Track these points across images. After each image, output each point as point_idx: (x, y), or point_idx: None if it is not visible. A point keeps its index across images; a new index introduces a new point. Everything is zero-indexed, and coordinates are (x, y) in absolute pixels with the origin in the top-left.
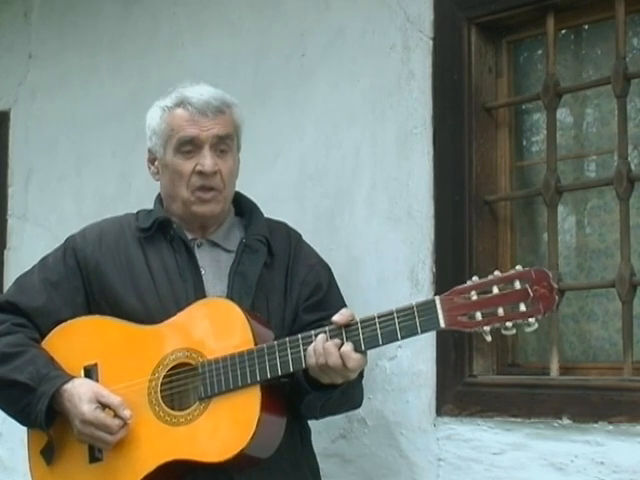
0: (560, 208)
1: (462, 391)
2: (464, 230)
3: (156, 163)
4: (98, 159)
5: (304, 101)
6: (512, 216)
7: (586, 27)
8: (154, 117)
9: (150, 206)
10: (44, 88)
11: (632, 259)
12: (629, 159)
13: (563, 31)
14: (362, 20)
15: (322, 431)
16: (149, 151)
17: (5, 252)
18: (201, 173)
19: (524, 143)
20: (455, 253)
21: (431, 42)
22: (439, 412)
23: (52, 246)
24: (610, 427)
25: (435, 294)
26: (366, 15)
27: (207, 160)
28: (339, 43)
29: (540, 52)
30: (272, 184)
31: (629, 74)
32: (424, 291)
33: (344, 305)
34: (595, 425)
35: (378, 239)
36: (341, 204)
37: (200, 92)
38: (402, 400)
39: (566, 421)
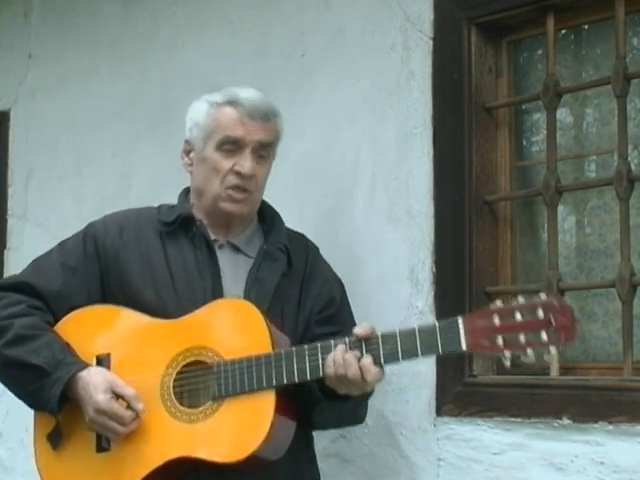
0: (560, 208)
1: (462, 391)
2: (464, 230)
3: (191, 155)
4: (98, 159)
5: (304, 101)
6: (512, 216)
7: (586, 27)
8: (200, 110)
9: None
10: (44, 88)
11: (632, 259)
12: (629, 159)
13: (563, 31)
14: (362, 20)
15: (322, 431)
16: (186, 142)
17: (5, 252)
18: (238, 174)
19: (524, 143)
20: (455, 253)
21: (431, 42)
22: (439, 412)
23: (52, 246)
24: (610, 427)
25: (435, 294)
26: (366, 15)
27: (247, 162)
28: (339, 43)
29: (540, 52)
30: (272, 184)
31: (629, 74)
32: (424, 291)
33: (354, 322)
34: (595, 425)
35: (378, 239)
36: (341, 204)
37: (251, 95)
38: (402, 400)
39: (566, 421)
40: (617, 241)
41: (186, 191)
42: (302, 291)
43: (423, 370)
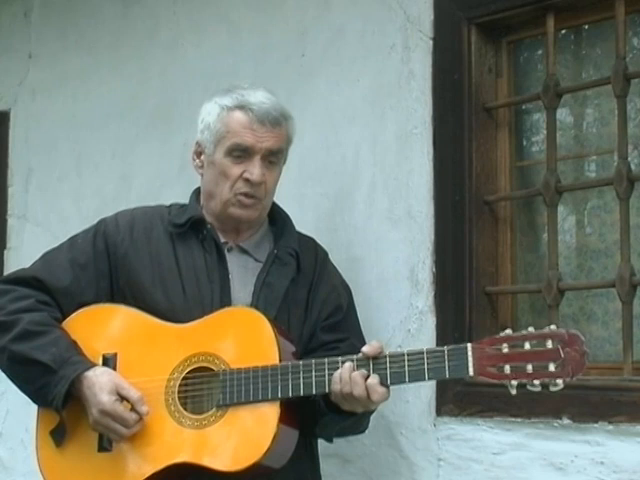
0: (560, 208)
1: (462, 391)
2: (464, 230)
3: (202, 157)
4: (98, 159)
5: (304, 101)
6: (512, 216)
7: (586, 27)
8: (211, 112)
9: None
10: (44, 88)
11: (632, 259)
12: (629, 159)
13: (563, 31)
14: (362, 20)
15: None
16: (197, 144)
17: (5, 252)
18: (248, 181)
19: (524, 143)
20: (455, 253)
21: (431, 42)
22: (439, 412)
23: (52, 246)
24: (610, 427)
25: (435, 294)
26: (366, 15)
27: (256, 170)
28: (339, 43)
29: (540, 52)
30: None
31: (629, 74)
32: (424, 291)
33: (360, 329)
34: (595, 425)
35: (378, 239)
36: (341, 204)
37: (262, 99)
38: (402, 400)
39: (566, 421)
40: (617, 241)
41: (197, 192)
42: (309, 296)
43: None
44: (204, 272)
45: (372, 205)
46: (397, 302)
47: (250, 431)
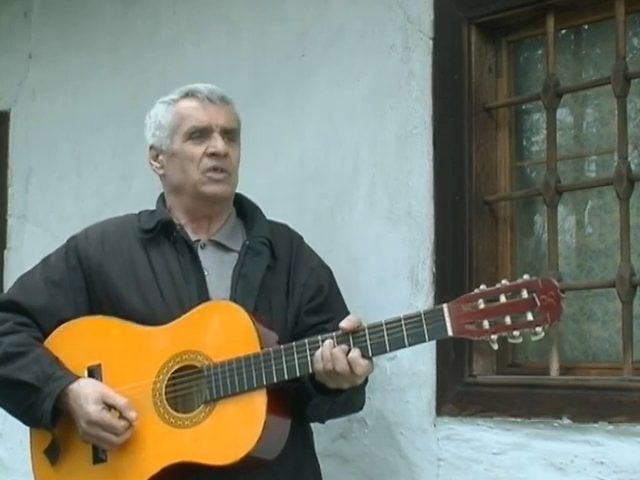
0: (560, 208)
1: (462, 391)
2: (464, 230)
3: (160, 158)
4: (98, 159)
5: (304, 101)
6: (512, 216)
7: (586, 27)
8: (158, 112)
9: (150, 205)
10: (44, 88)
11: (632, 259)
12: (629, 159)
13: (563, 31)
14: (362, 20)
15: (322, 431)
16: (151, 148)
17: (5, 252)
18: (213, 155)
19: (524, 143)
20: (455, 253)
21: (431, 42)
22: (439, 412)
23: (52, 246)
24: (610, 427)
25: (435, 294)
26: (366, 15)
27: (219, 142)
28: (339, 43)
29: (540, 52)
30: (272, 184)
31: (629, 74)
32: (424, 291)
33: (345, 307)
34: (595, 425)
35: (378, 239)
36: (341, 204)
37: (205, 85)
38: (402, 400)
39: (566, 421)
40: (617, 241)
41: (162, 197)
42: (289, 282)
43: (423, 370)
44: (179, 273)
45: (372, 205)
46: (397, 302)
47: (240, 422)
